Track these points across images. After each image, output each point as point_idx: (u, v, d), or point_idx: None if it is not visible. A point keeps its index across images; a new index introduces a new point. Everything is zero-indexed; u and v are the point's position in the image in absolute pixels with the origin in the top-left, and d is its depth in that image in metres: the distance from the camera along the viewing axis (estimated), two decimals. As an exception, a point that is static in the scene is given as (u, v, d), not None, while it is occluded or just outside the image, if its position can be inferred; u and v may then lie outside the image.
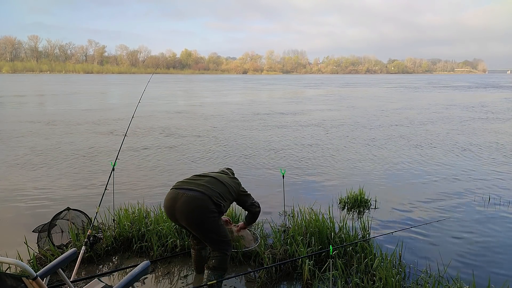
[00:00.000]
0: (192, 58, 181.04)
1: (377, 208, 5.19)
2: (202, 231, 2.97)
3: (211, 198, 2.95)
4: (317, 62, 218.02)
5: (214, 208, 2.95)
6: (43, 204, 5.36)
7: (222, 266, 3.02)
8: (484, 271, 3.46)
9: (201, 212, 2.91)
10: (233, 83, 61.50)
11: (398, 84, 56.83)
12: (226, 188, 3.15)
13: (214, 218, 2.95)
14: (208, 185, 3.06)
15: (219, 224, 3.02)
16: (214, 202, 2.95)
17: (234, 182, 3.31)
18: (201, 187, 3.02)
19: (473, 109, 18.62)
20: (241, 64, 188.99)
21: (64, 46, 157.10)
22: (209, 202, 2.93)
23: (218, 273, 3.00)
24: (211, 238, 3.00)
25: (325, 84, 56.63)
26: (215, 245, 3.03)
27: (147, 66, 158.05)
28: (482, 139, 10.38)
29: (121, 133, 10.75)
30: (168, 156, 8.30)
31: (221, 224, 3.04)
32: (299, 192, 5.88)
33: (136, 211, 4.30)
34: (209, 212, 2.92)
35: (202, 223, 2.93)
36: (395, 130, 12.13)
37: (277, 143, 9.81)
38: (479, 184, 6.30)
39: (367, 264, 3.31)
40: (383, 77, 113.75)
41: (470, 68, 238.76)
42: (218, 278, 2.98)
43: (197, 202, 2.91)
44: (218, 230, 2.99)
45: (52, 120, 14.33)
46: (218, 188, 3.09)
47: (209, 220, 2.93)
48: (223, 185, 3.15)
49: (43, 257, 3.54)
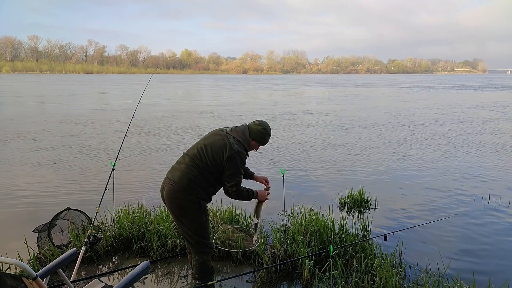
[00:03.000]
0: (192, 58, 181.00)
1: (377, 208, 5.19)
2: (181, 226, 2.85)
3: (186, 189, 2.74)
4: (317, 62, 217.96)
5: (192, 198, 2.75)
6: (43, 204, 5.37)
7: (204, 272, 2.95)
8: (484, 271, 3.46)
9: (177, 205, 2.77)
10: (245, 83, 61.43)
11: (410, 84, 56.64)
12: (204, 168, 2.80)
13: (194, 211, 2.78)
14: (186, 170, 2.79)
15: (200, 221, 2.82)
16: (189, 192, 2.75)
17: (218, 152, 2.80)
18: (179, 174, 2.79)
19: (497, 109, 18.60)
20: (241, 64, 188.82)
21: (64, 46, 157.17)
22: (184, 192, 2.74)
23: (204, 281, 2.94)
24: (189, 236, 2.86)
25: (335, 84, 55.94)
26: (192, 246, 2.91)
27: (147, 66, 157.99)
28: (485, 138, 10.38)
29: (152, 133, 10.80)
30: (169, 156, 8.31)
31: (202, 220, 2.84)
32: (299, 192, 5.88)
33: (136, 211, 4.30)
34: (187, 204, 2.76)
35: (181, 216, 2.80)
36: (413, 130, 12.14)
37: (280, 143, 9.82)
38: (479, 184, 6.30)
39: (367, 264, 3.30)
40: (386, 77, 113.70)
41: (470, 68, 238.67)
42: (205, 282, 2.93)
43: (174, 194, 2.77)
44: (195, 227, 2.82)
45: (65, 120, 14.34)
46: (193, 171, 2.79)
47: (186, 213, 2.78)
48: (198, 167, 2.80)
49: (43, 257, 3.54)
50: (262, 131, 2.95)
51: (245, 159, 2.90)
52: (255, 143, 2.98)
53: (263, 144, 3.02)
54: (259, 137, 2.95)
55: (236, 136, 2.90)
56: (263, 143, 3.01)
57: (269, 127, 3.02)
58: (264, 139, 2.98)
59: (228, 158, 2.78)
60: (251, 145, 2.97)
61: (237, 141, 2.87)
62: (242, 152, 2.84)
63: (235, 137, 2.89)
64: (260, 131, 2.94)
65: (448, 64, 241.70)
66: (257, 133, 2.94)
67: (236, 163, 2.80)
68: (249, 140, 2.93)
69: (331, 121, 14.37)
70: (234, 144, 2.83)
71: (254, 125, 2.98)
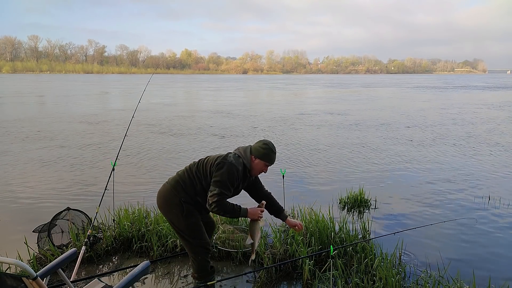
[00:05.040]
0: (192, 58, 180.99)
1: (377, 208, 5.19)
2: (171, 225, 2.94)
3: (171, 190, 2.84)
4: (317, 62, 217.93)
5: (176, 200, 2.81)
6: (43, 204, 5.36)
7: (201, 272, 2.96)
8: (484, 271, 3.45)
9: (161, 203, 2.88)
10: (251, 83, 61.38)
11: (417, 84, 56.55)
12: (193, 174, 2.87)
13: (177, 212, 2.81)
14: (179, 174, 2.94)
15: (186, 223, 2.82)
16: (173, 193, 2.83)
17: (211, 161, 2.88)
18: (173, 177, 2.94)
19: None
20: (241, 64, 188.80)
21: (64, 46, 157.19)
22: (169, 193, 2.84)
23: (201, 281, 2.96)
24: (179, 236, 2.92)
25: (343, 84, 55.47)
26: (185, 246, 2.95)
27: (147, 66, 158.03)
28: (493, 138, 10.38)
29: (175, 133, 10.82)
30: (170, 155, 8.31)
31: (189, 223, 2.83)
32: (299, 192, 5.88)
33: (136, 211, 4.30)
34: (171, 205, 2.83)
35: (166, 215, 2.90)
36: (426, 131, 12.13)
37: (284, 142, 9.82)
38: (479, 184, 6.30)
39: (367, 264, 3.30)
40: (389, 77, 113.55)
41: (470, 68, 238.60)
42: (205, 282, 2.94)
43: (160, 194, 2.90)
44: (183, 228, 2.84)
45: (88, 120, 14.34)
46: (183, 176, 2.90)
47: (171, 213, 2.85)
48: (189, 172, 2.90)
49: (43, 257, 3.54)
50: (264, 147, 2.87)
51: (238, 175, 2.80)
52: (258, 161, 2.87)
53: (267, 161, 2.90)
54: (260, 153, 2.86)
55: (237, 152, 2.91)
56: (267, 160, 2.89)
57: (272, 144, 2.93)
58: (266, 155, 2.87)
59: (217, 164, 2.78)
60: (253, 163, 2.88)
61: (236, 156, 2.86)
62: (234, 165, 2.78)
63: (236, 153, 2.89)
64: (261, 147, 2.87)
65: (448, 64, 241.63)
66: (258, 149, 2.88)
67: (223, 172, 2.74)
68: (250, 157, 2.87)
69: (344, 121, 14.35)
70: (230, 157, 2.83)
71: (256, 143, 2.95)
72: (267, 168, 2.95)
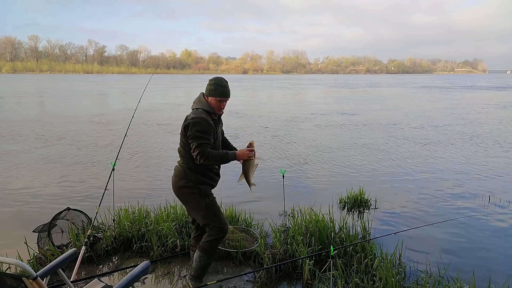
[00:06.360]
0: (192, 58, 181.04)
1: (377, 208, 5.19)
2: (189, 213, 3.06)
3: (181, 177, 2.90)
4: (317, 62, 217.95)
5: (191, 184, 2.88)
6: (43, 204, 5.36)
7: (209, 251, 2.97)
8: (484, 271, 3.45)
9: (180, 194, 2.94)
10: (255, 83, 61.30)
11: (421, 84, 56.42)
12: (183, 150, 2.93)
13: (195, 196, 2.88)
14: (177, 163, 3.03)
15: (204, 205, 2.88)
16: (183, 178, 2.89)
17: (182, 137, 2.91)
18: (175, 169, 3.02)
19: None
20: (241, 64, 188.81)
21: (64, 46, 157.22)
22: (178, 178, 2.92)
23: (203, 257, 2.98)
24: (199, 221, 2.99)
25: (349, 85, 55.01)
26: (204, 226, 2.98)
27: (147, 66, 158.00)
28: (492, 136, 10.38)
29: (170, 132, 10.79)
30: (171, 155, 8.31)
31: (206, 203, 2.88)
32: (299, 192, 5.88)
33: (136, 211, 4.30)
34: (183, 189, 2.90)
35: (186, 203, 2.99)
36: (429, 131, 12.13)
37: (280, 142, 9.82)
38: (479, 184, 6.29)
39: (367, 264, 3.30)
40: (391, 77, 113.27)
41: (470, 68, 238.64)
42: (204, 262, 2.98)
43: (175, 185, 2.96)
44: (202, 214, 2.90)
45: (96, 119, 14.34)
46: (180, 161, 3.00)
47: (185, 197, 2.93)
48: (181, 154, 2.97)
49: (43, 257, 3.54)
50: (209, 83, 2.93)
51: (207, 122, 2.81)
52: (211, 99, 2.91)
53: (221, 96, 2.90)
54: (211, 91, 2.90)
55: (194, 108, 2.94)
56: (220, 95, 2.90)
57: (219, 79, 2.97)
58: (217, 90, 2.89)
59: (184, 127, 2.84)
60: (211, 104, 2.92)
61: (194, 110, 2.90)
62: (197, 117, 2.80)
63: (193, 109, 2.94)
64: (208, 85, 2.93)
65: (448, 64, 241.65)
66: (206, 88, 2.94)
67: (192, 128, 2.78)
68: (205, 100, 2.93)
69: (353, 121, 14.35)
70: (190, 115, 2.87)
71: (207, 85, 2.98)
72: (224, 104, 2.97)
